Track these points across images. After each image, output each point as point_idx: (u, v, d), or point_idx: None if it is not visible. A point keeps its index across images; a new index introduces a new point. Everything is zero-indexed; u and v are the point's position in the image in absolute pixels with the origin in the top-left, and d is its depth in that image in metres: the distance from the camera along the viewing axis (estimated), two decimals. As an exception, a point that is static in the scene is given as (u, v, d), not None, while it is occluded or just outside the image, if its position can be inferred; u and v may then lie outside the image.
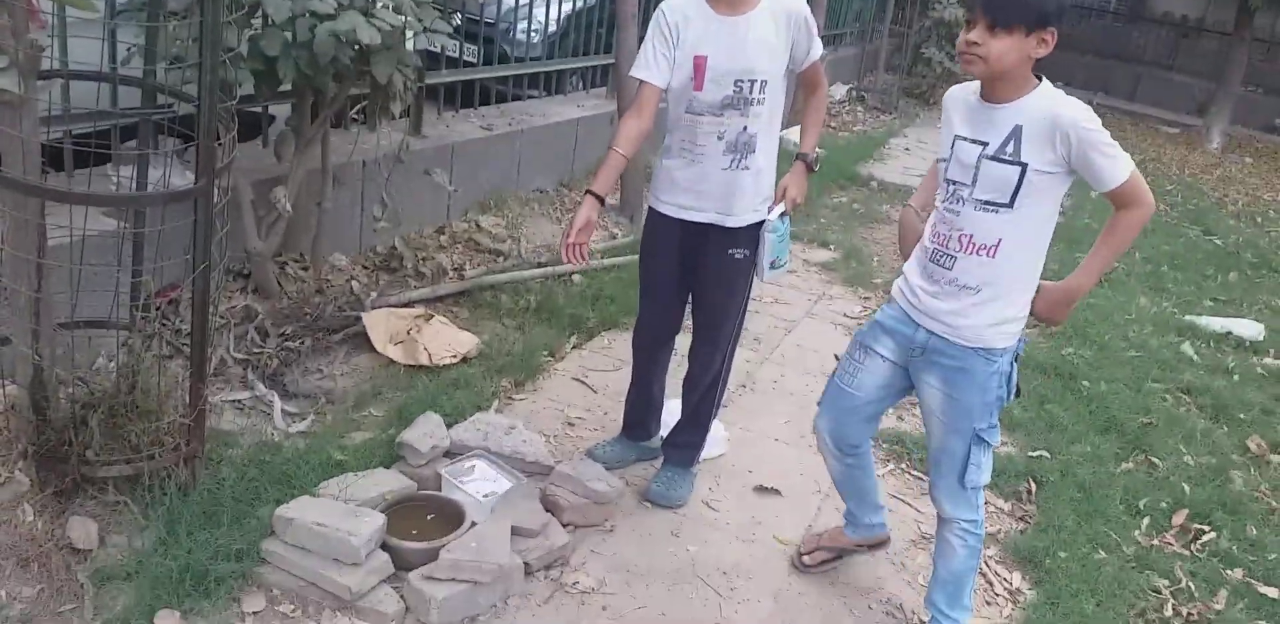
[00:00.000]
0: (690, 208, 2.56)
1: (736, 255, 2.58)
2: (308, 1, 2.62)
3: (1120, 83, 17.15)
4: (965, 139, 2.04)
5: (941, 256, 2.10)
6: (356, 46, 2.77)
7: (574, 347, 3.69)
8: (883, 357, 2.23)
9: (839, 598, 2.50)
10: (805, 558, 2.57)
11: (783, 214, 2.58)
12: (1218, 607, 2.67)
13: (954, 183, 2.07)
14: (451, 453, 2.77)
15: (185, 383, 2.36)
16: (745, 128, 2.46)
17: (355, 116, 4.07)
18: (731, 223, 2.55)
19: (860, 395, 2.28)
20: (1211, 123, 12.84)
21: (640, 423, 2.95)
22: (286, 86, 3.06)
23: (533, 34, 5.62)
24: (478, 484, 2.62)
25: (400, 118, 3.82)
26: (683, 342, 2.84)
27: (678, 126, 2.53)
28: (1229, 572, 2.85)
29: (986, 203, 2.01)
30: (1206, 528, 3.05)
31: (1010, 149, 1.96)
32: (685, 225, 2.58)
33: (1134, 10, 18.22)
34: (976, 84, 2.05)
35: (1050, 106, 1.94)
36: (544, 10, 5.48)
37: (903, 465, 3.19)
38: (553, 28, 5.72)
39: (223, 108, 2.08)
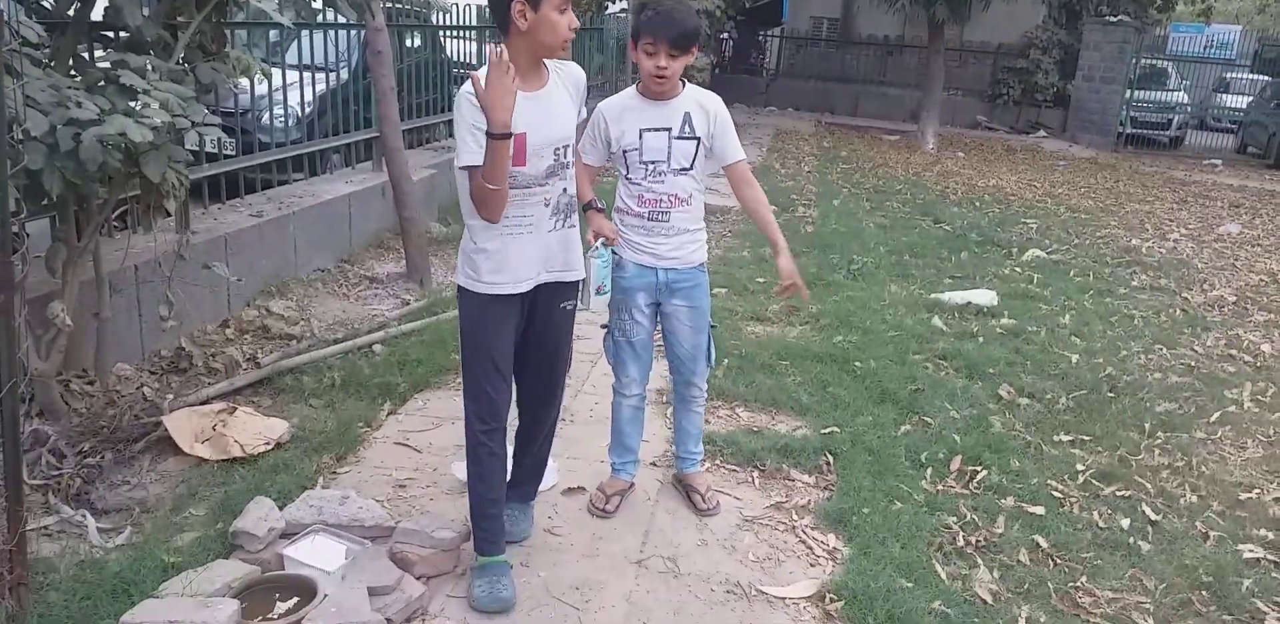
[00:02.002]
0: (528, 278, 2.57)
1: (568, 307, 2.72)
2: (68, 111, 2.60)
3: (842, 101, 18.90)
4: (650, 129, 2.82)
5: (657, 215, 2.88)
6: (123, 149, 2.76)
7: (389, 413, 3.76)
8: (645, 305, 2.97)
9: (684, 588, 2.72)
10: (607, 506, 3.12)
11: (603, 246, 2.82)
12: (999, 531, 3.10)
13: (653, 163, 2.84)
14: (288, 533, 2.78)
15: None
16: (565, 189, 2.59)
17: (116, 223, 4.00)
18: (571, 277, 2.66)
19: (643, 339, 3.03)
20: (925, 127, 14.36)
21: (521, 484, 2.95)
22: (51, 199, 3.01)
23: (288, 119, 5.67)
24: (323, 556, 2.66)
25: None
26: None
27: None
28: (1002, 501, 3.30)
29: (680, 169, 2.85)
30: (979, 468, 3.51)
31: (688, 129, 2.83)
32: (522, 296, 2.60)
33: (843, 35, 20.17)
34: (628, 94, 2.87)
35: (701, 97, 2.86)
36: (296, 94, 5.54)
37: (717, 462, 3.48)
38: (307, 110, 5.79)
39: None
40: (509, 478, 2.82)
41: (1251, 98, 17.50)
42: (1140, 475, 3.60)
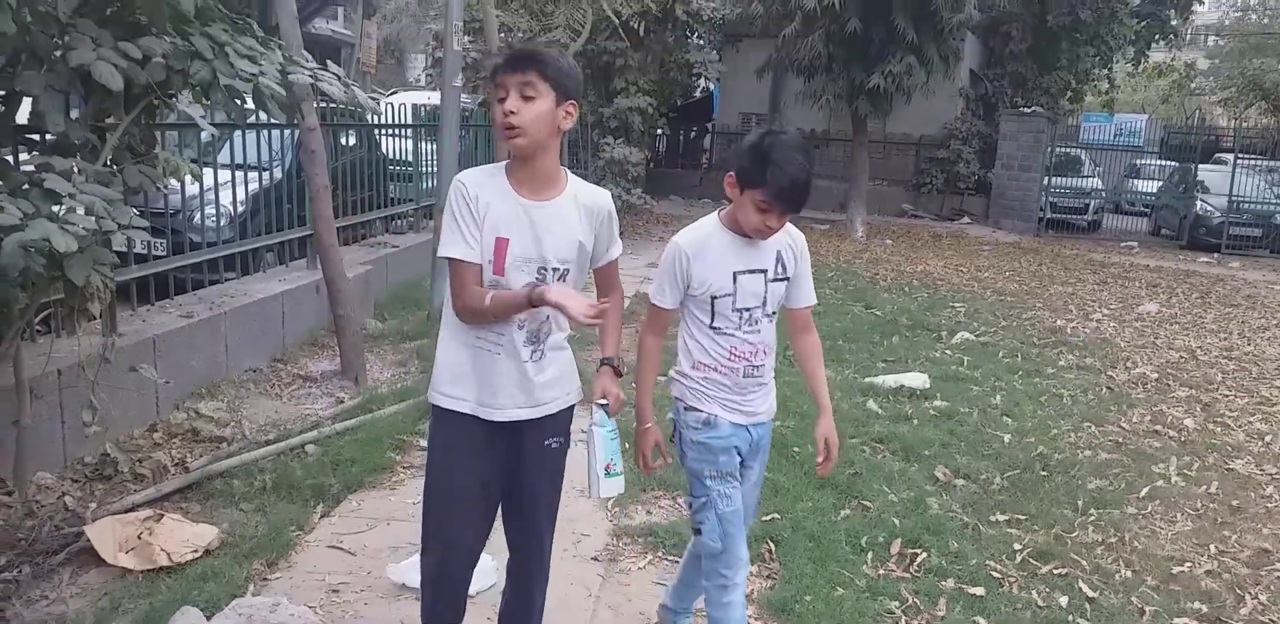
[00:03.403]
0: (490, 405, 2.30)
1: (553, 445, 2.40)
2: (-13, 217, 2.56)
3: (773, 192, 19.42)
4: (745, 272, 2.47)
5: (752, 370, 2.52)
6: (46, 253, 2.70)
7: (322, 515, 3.66)
8: (739, 467, 2.58)
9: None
10: None
11: (607, 413, 2.40)
12: (940, 614, 3.10)
13: (748, 310, 2.49)
14: (215, 645, 2.68)
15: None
16: (549, 317, 2.29)
17: (39, 327, 3.93)
18: (541, 413, 2.34)
19: (740, 509, 2.56)
20: (853, 216, 14.81)
21: None
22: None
23: (220, 218, 5.66)
24: (249, 668, 2.56)
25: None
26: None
27: None
28: (943, 583, 3.31)
29: (770, 315, 2.53)
30: (919, 551, 3.53)
31: (780, 269, 2.52)
32: (488, 423, 2.32)
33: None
34: (710, 226, 2.51)
35: (792, 235, 2.56)
36: (229, 193, 5.55)
37: (659, 553, 3.45)
38: (240, 209, 5.80)
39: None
40: None
41: (1161, 182, 18.44)
42: (1076, 552, 3.64)
